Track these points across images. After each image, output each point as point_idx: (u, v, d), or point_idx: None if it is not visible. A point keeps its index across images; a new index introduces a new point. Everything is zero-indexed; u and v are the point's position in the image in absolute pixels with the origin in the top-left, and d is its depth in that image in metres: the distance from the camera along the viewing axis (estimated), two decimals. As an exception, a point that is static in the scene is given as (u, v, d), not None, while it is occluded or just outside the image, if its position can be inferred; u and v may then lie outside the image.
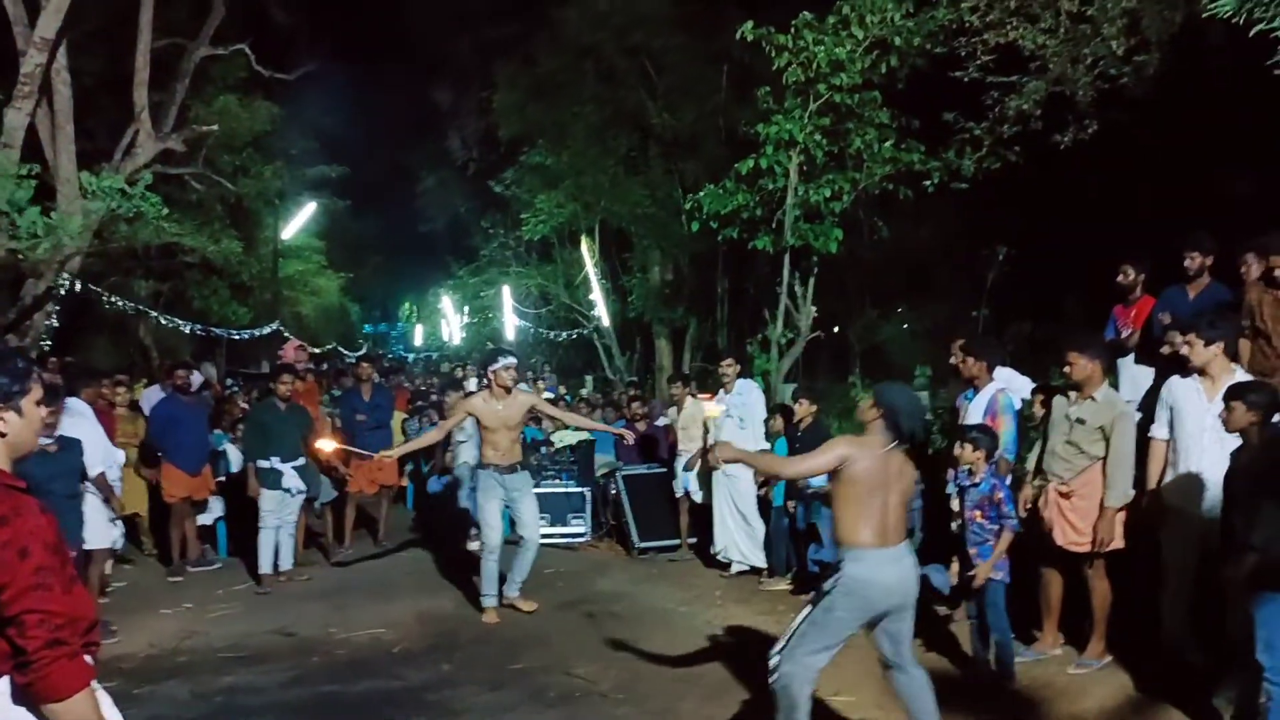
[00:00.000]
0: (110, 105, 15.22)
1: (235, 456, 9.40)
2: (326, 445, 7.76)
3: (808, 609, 4.19)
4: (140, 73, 13.91)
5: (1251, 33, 6.19)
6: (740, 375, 8.66)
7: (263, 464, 8.14)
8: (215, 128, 15.76)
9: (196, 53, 15.99)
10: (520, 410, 7.07)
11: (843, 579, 4.05)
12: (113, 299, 14.92)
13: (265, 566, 8.13)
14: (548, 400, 10.75)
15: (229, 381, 19.50)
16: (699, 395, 9.45)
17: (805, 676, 4.09)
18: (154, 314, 17.72)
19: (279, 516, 8.17)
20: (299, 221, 27.80)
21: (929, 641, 6.06)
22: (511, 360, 7.09)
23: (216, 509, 9.31)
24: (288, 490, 8.18)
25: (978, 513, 5.34)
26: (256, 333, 22.88)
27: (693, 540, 9.09)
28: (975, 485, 5.36)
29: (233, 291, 22.05)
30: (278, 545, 8.25)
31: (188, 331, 19.06)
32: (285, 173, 22.31)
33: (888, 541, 4.07)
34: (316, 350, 31.35)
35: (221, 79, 18.56)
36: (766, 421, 8.38)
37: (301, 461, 8.32)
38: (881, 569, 4.05)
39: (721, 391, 8.70)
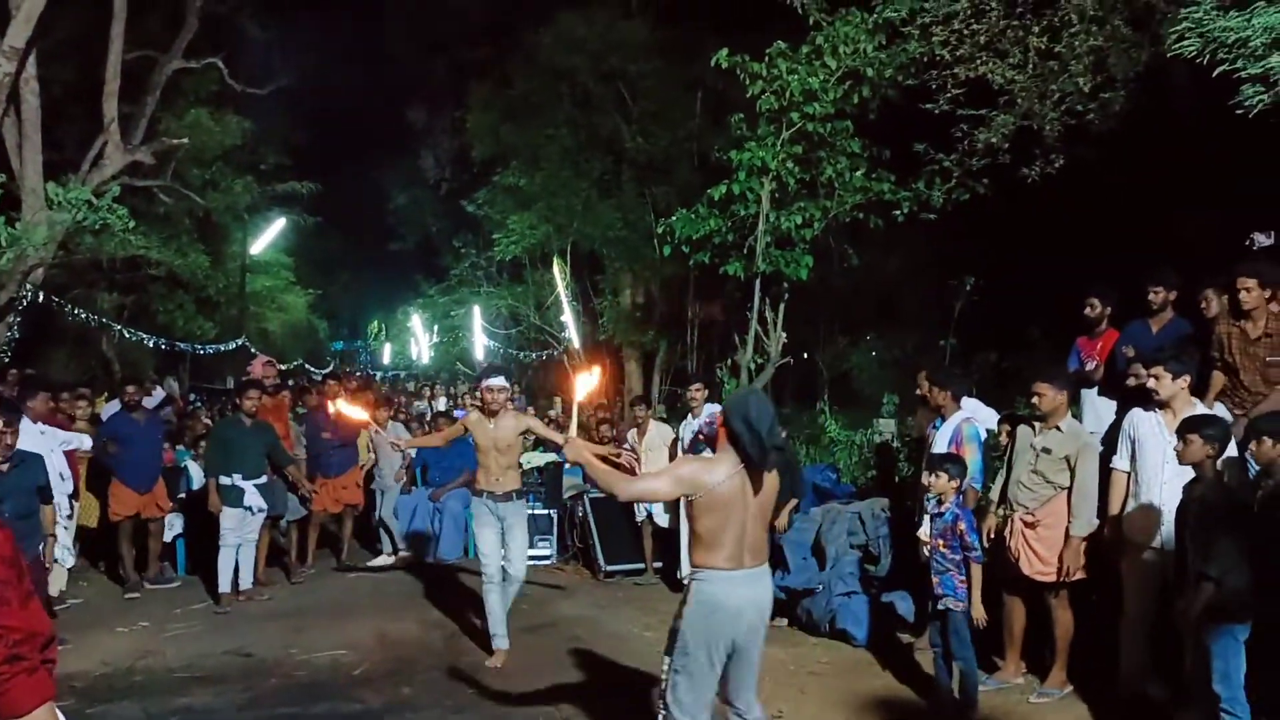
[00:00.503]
0: (79, 116, 15.10)
1: (197, 473, 9.28)
2: (355, 413, 7.59)
3: (667, 658, 3.93)
4: (110, 84, 13.80)
5: (1215, 73, 6.34)
6: (709, 400, 8.67)
7: (224, 481, 8.03)
8: (185, 141, 15.68)
9: (168, 65, 15.92)
10: (511, 432, 6.66)
11: (688, 604, 3.85)
12: (76, 311, 14.72)
13: (224, 585, 8.01)
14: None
15: (192, 397, 19.30)
16: (654, 418, 9.40)
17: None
18: (117, 327, 17.50)
19: (239, 535, 8.06)
20: (268, 237, 27.61)
21: (888, 671, 6.07)
22: (498, 380, 6.75)
23: (176, 526, 9.16)
24: (249, 508, 8.07)
25: (940, 541, 5.34)
26: (222, 348, 22.66)
27: (659, 565, 9.07)
28: (940, 514, 5.38)
29: (198, 306, 21.83)
30: (238, 564, 8.15)
31: (151, 345, 18.84)
32: (255, 188, 22.15)
33: (742, 563, 3.82)
34: (284, 366, 31.10)
35: (193, 92, 18.47)
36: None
37: (264, 479, 8.22)
38: (730, 590, 3.80)
39: (689, 416, 8.70)
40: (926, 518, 5.55)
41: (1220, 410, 5.21)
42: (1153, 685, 5.18)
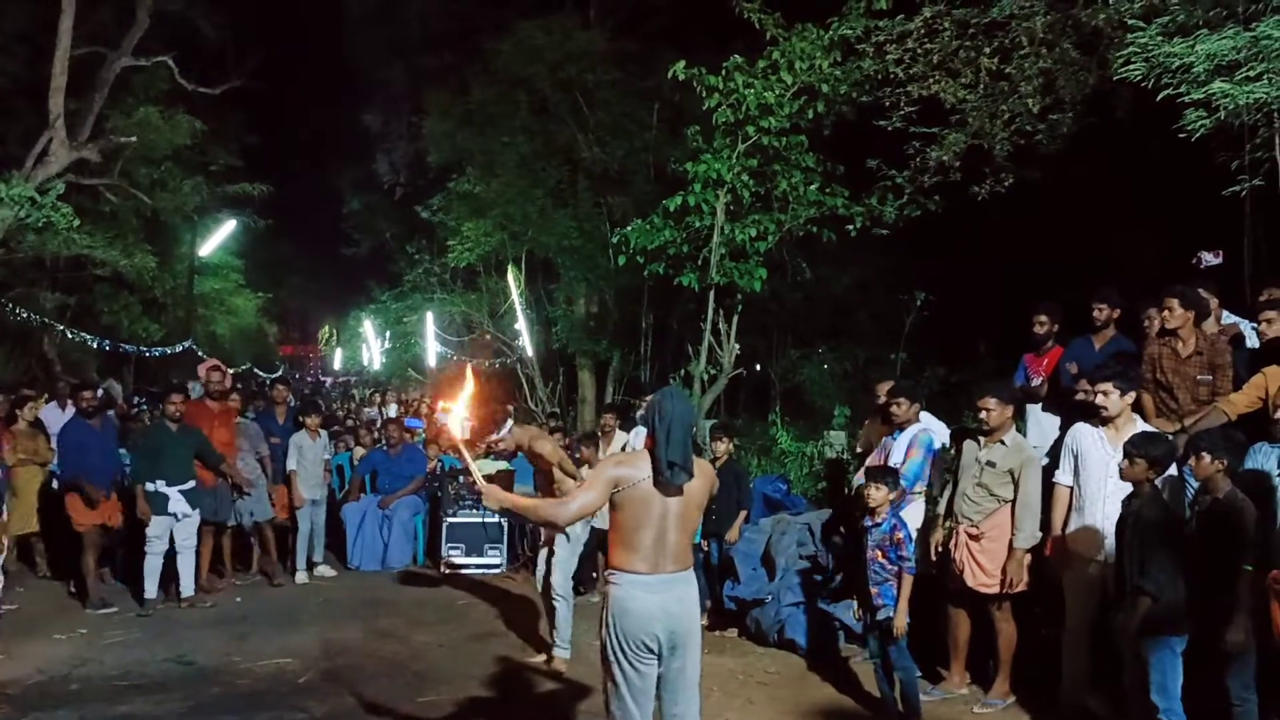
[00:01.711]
0: (24, 111, 14.81)
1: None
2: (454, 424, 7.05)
3: (604, 675, 3.82)
4: (57, 79, 13.54)
5: (1158, 97, 6.51)
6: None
7: (149, 487, 7.91)
8: (134, 139, 15.42)
9: (117, 62, 15.65)
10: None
11: (605, 611, 3.75)
12: (17, 310, 14.38)
13: (150, 591, 7.92)
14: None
15: (136, 399, 18.91)
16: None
17: None
18: (60, 327, 17.12)
19: (165, 541, 7.96)
20: (217, 239, 27.17)
21: (835, 681, 6.11)
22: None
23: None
24: (174, 515, 7.95)
25: (879, 552, 5.36)
26: (168, 350, 22.26)
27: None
28: (878, 525, 5.39)
29: (145, 307, 21.46)
30: (179, 571, 8.04)
31: (95, 346, 18.46)
32: (205, 188, 21.83)
33: (659, 567, 3.67)
34: (232, 370, 30.59)
35: (143, 90, 18.16)
36: None
37: (190, 485, 8.09)
38: (642, 595, 3.67)
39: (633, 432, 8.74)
40: (861, 528, 5.59)
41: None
42: (1092, 697, 5.27)
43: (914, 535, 6.01)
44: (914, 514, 6.29)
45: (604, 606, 3.76)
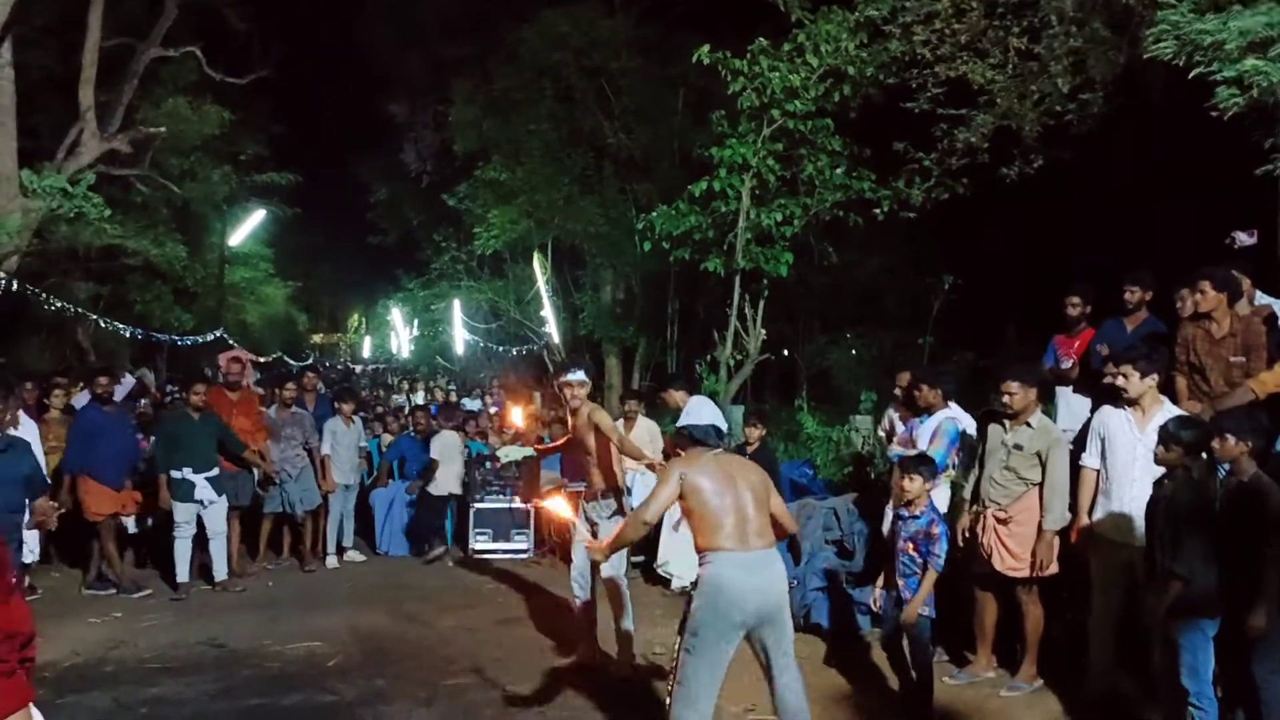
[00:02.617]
0: (55, 103, 14.95)
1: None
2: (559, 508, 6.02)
3: (678, 639, 4.05)
4: (87, 70, 13.68)
5: (1190, 75, 6.40)
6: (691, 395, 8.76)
7: (174, 475, 7.99)
8: (163, 130, 15.53)
9: (146, 53, 15.78)
10: (586, 431, 6.09)
11: (699, 588, 3.95)
12: (51, 300, 14.58)
13: (182, 575, 8.03)
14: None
15: (170, 388, 19.14)
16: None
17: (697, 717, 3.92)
18: (93, 317, 17.34)
19: (193, 527, 8.06)
20: (247, 228, 27.43)
21: (859, 664, 6.09)
22: (577, 375, 6.16)
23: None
24: (199, 501, 8.05)
25: (910, 545, 5.26)
26: (200, 339, 22.49)
27: (639, 559, 9.02)
28: (915, 517, 5.30)
29: (176, 297, 21.68)
30: (211, 556, 8.16)
31: (128, 336, 18.67)
32: (234, 178, 22.01)
33: (747, 545, 3.94)
34: (262, 359, 30.91)
35: (171, 81, 18.31)
36: None
37: (215, 471, 8.17)
38: (737, 571, 3.90)
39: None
40: (894, 517, 5.54)
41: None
42: (1121, 680, 5.23)
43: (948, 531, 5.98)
44: (940, 500, 6.25)
45: (698, 583, 3.99)
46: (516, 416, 8.13)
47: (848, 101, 10.44)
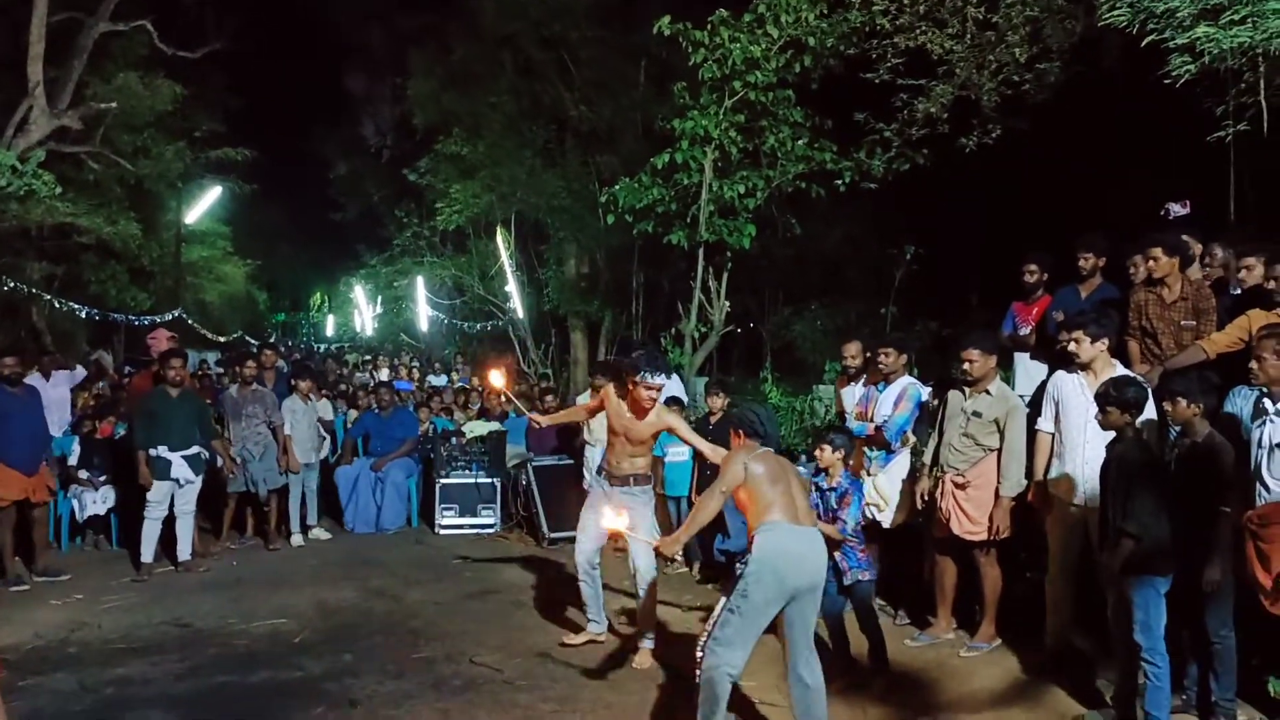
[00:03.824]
0: (3, 79, 14.61)
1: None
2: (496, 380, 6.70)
3: (723, 600, 4.26)
4: (35, 46, 13.39)
5: (1144, 43, 6.48)
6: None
7: (151, 453, 7.90)
8: (114, 105, 15.24)
9: (96, 28, 15.44)
10: (649, 428, 5.73)
11: (754, 554, 4.15)
12: (4, 280, 14.31)
13: (147, 556, 7.93)
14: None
15: (127, 369, 18.89)
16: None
17: (726, 670, 4.11)
18: (47, 297, 17.05)
19: (164, 507, 7.97)
20: (203, 205, 27.04)
21: (822, 629, 6.16)
22: (662, 379, 5.69)
23: (110, 499, 9.00)
24: (176, 480, 7.97)
25: (831, 515, 5.29)
26: (158, 319, 22.19)
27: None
28: (831, 489, 5.34)
29: (132, 276, 21.35)
30: (177, 536, 8.07)
31: (83, 316, 18.39)
32: (188, 154, 21.64)
33: (800, 520, 4.23)
34: (223, 338, 30.55)
35: (122, 56, 17.94)
36: None
37: (194, 450, 8.10)
38: (793, 540, 4.16)
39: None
40: (815, 490, 5.48)
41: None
42: (1077, 637, 5.36)
43: (880, 498, 6.09)
44: (901, 466, 6.35)
45: (751, 550, 4.19)
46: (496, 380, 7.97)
47: (809, 73, 10.46)
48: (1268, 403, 4.33)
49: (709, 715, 4.12)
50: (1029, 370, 6.67)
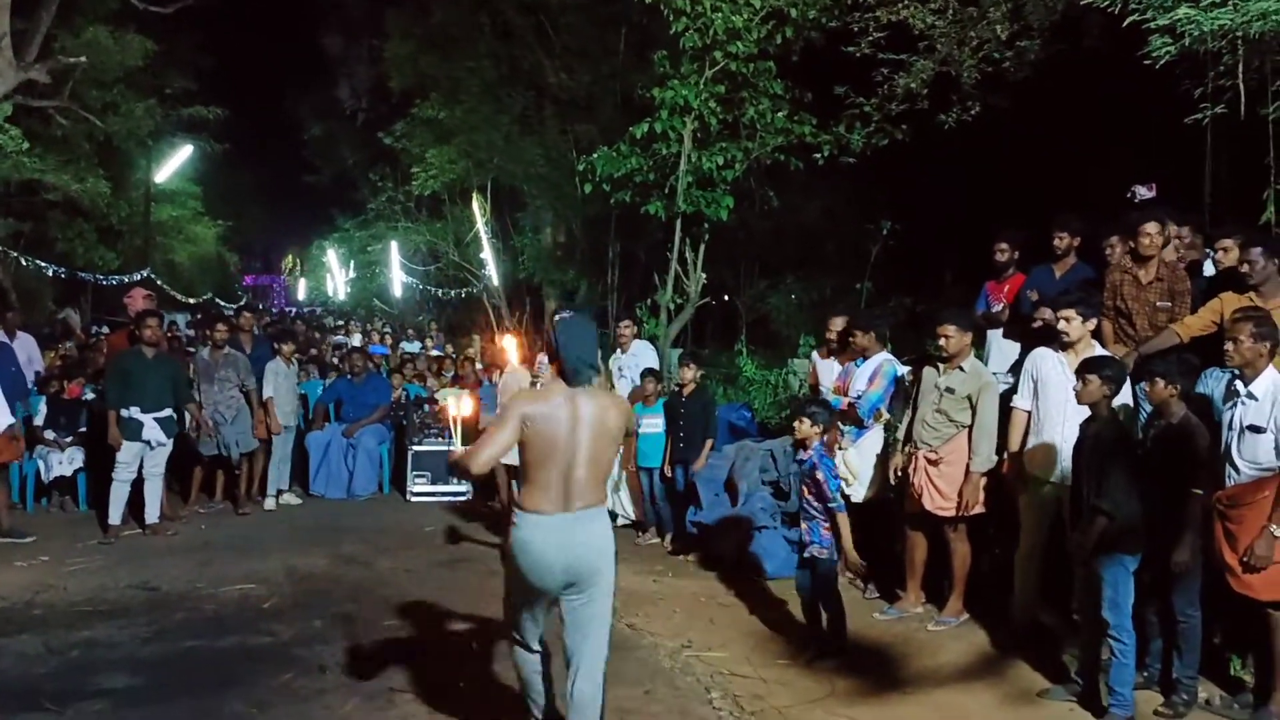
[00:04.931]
0: (-33, 30, 14.20)
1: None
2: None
3: (506, 596, 3.88)
4: (2, -3, 13.00)
5: (1125, 23, 6.47)
6: (635, 337, 8.78)
7: (123, 413, 7.80)
8: (83, 60, 14.87)
9: (64, -22, 15.03)
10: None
11: (507, 545, 3.67)
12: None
13: (114, 518, 7.86)
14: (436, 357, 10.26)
15: (95, 329, 18.65)
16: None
17: (520, 649, 3.82)
18: (13, 254, 16.76)
19: (133, 469, 7.89)
20: (174, 164, 26.60)
21: (793, 603, 6.20)
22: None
23: (77, 460, 8.90)
24: (147, 442, 7.89)
25: (805, 488, 5.28)
26: (126, 279, 21.87)
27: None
28: (802, 461, 5.31)
29: (100, 235, 21.03)
30: (145, 498, 7.99)
31: (50, 274, 18.10)
32: (159, 112, 21.22)
33: (565, 507, 3.56)
34: (193, 300, 30.20)
35: (92, 9, 17.53)
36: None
37: (166, 413, 8.00)
38: (542, 537, 3.56)
39: (618, 350, 8.74)
40: (794, 463, 5.49)
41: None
42: (1044, 613, 5.42)
43: (850, 472, 6.07)
44: (873, 441, 6.39)
45: (506, 540, 3.69)
46: (510, 350, 7.71)
47: (790, 44, 10.40)
48: (1239, 385, 4.37)
49: (525, 696, 3.91)
50: (1002, 348, 6.71)
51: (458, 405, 4.38)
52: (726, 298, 17.08)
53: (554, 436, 3.55)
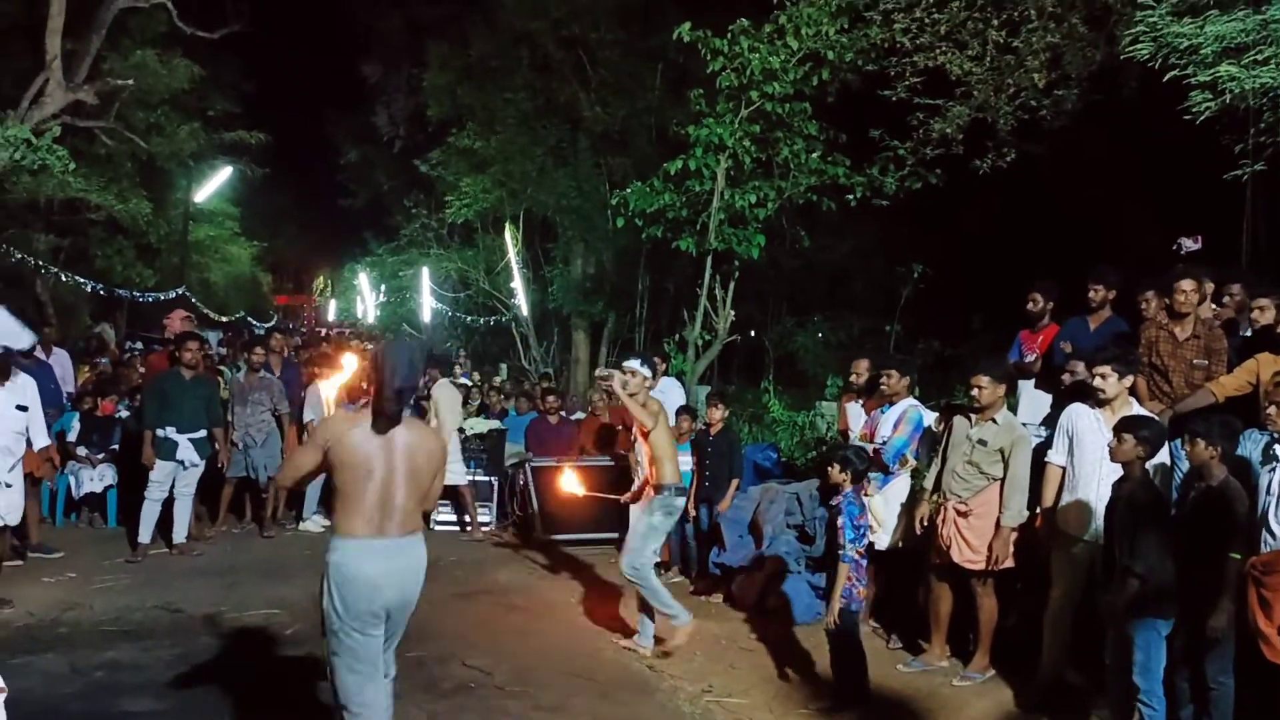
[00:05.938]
0: (20, 52, 14.62)
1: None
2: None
3: (325, 643, 3.76)
4: (54, 19, 13.36)
5: (1165, 78, 6.47)
6: (664, 374, 8.77)
7: (159, 433, 7.88)
8: (130, 82, 15.21)
9: (115, 3, 15.40)
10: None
11: (325, 579, 3.58)
12: (11, 252, 14.29)
13: (144, 537, 7.92)
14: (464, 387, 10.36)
15: (129, 345, 18.89)
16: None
17: (350, 703, 3.66)
18: (53, 270, 17.03)
19: (165, 488, 7.94)
20: (213, 185, 27.01)
21: (817, 649, 6.14)
22: (634, 363, 6.09)
23: (108, 477, 8.99)
24: (180, 462, 7.96)
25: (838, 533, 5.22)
26: (162, 296, 22.18)
27: (615, 535, 8.97)
28: (833, 506, 5.29)
29: (138, 252, 21.36)
30: (174, 517, 8.06)
31: (88, 290, 18.38)
32: (202, 134, 21.62)
33: (383, 531, 3.55)
34: (226, 318, 30.52)
35: (140, 32, 17.93)
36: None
37: (201, 434, 8.08)
38: (366, 561, 3.53)
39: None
40: (826, 507, 5.49)
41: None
42: (1072, 673, 5.34)
43: (875, 520, 5.99)
44: (899, 489, 6.35)
45: (324, 576, 3.59)
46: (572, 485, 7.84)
47: (826, 86, 10.45)
48: (1278, 448, 4.31)
49: None
50: (1034, 399, 6.66)
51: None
52: (753, 333, 17.10)
53: (364, 462, 3.53)
